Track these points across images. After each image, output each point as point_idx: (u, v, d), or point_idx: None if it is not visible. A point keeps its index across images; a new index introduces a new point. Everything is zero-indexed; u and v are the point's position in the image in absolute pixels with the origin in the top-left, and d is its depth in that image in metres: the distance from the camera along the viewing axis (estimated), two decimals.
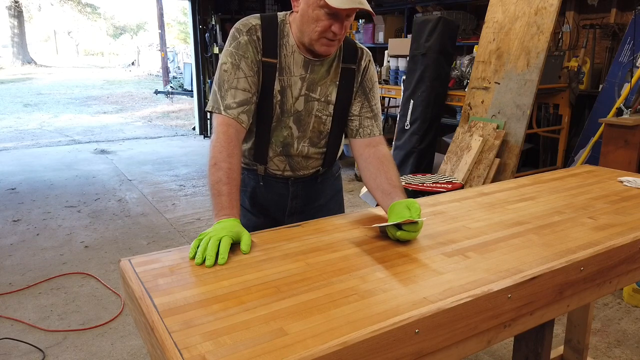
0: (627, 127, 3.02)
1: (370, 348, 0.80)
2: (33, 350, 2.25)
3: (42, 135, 7.80)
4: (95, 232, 3.71)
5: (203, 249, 1.06)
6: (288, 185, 1.51)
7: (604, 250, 1.14)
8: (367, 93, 1.45)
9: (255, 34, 1.33)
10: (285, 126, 1.41)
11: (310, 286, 0.96)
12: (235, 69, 1.31)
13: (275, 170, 1.48)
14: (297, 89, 1.37)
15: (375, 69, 1.58)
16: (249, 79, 1.32)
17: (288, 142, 1.43)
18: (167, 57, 15.27)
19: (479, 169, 3.73)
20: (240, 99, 1.31)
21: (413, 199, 1.26)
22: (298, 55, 1.35)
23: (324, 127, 1.44)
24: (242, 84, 1.31)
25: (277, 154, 1.45)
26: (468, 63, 4.36)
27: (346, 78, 1.42)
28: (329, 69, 1.40)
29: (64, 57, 29.87)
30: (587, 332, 1.90)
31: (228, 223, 1.13)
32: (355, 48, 1.44)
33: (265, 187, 1.52)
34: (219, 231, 1.09)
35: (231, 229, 1.11)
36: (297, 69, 1.36)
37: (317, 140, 1.46)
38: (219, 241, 1.07)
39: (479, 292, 0.93)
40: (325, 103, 1.41)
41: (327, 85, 1.40)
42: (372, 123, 1.45)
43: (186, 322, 0.84)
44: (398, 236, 1.15)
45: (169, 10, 24.00)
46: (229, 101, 1.30)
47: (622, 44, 3.86)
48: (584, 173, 1.85)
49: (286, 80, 1.36)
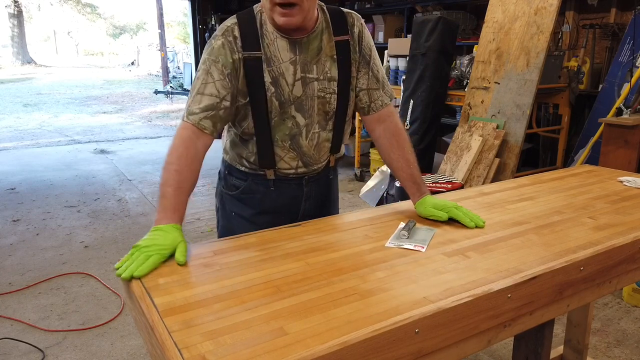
0: (627, 127, 3.01)
1: (370, 348, 0.80)
2: (33, 350, 2.25)
3: (42, 135, 7.80)
4: (95, 232, 3.70)
5: (129, 262, 1.04)
6: (302, 186, 1.43)
7: (604, 250, 1.14)
8: (368, 62, 1.39)
9: (232, 34, 1.26)
10: (288, 117, 1.33)
11: (310, 286, 0.96)
12: (205, 75, 1.25)
13: (287, 170, 1.39)
14: (290, 74, 1.29)
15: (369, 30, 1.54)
16: (217, 83, 1.25)
17: (295, 134, 1.35)
18: (167, 57, 15.25)
19: (479, 168, 3.73)
20: (205, 104, 1.24)
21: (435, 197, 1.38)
22: (281, 40, 1.28)
23: (329, 107, 1.36)
24: (209, 89, 1.25)
25: (287, 150, 1.36)
26: (468, 63, 4.36)
27: (343, 52, 1.34)
28: (320, 44, 1.31)
29: (63, 57, 29.87)
30: (587, 332, 1.90)
31: (164, 233, 1.09)
32: (342, 15, 1.35)
33: (276, 191, 1.42)
34: (151, 247, 1.05)
35: (164, 242, 1.07)
36: (284, 53, 1.28)
37: (325, 123, 1.38)
38: (147, 258, 1.04)
39: (479, 292, 0.93)
40: (326, 81, 1.33)
41: (324, 62, 1.32)
42: (380, 93, 1.41)
43: (186, 321, 0.84)
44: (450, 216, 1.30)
45: (169, 10, 24.00)
46: (192, 107, 1.24)
47: (621, 43, 3.86)
48: (584, 173, 1.85)
49: (276, 69, 1.28)
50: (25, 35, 23.29)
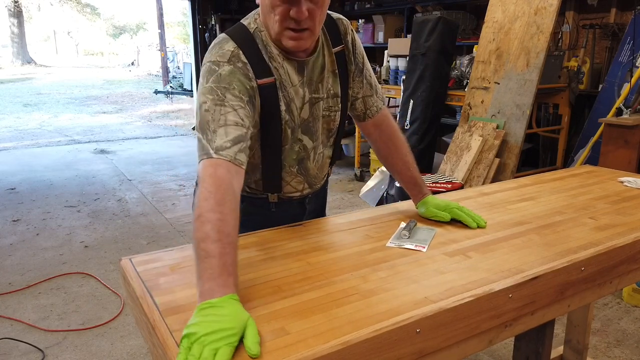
0: (627, 127, 3.01)
1: (371, 347, 0.80)
2: (33, 350, 2.24)
3: (42, 135, 7.80)
4: (95, 232, 3.70)
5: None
6: (304, 204, 1.39)
7: (605, 251, 1.14)
8: (362, 70, 1.35)
9: (239, 59, 1.11)
10: (295, 141, 1.25)
11: (311, 285, 0.96)
12: (219, 105, 1.05)
13: (292, 193, 1.34)
14: (299, 98, 1.22)
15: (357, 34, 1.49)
16: (239, 112, 1.06)
17: (302, 157, 1.28)
18: (166, 57, 15.25)
19: (479, 168, 3.73)
20: (235, 135, 1.03)
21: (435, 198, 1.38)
22: (288, 62, 1.18)
23: (333, 125, 1.32)
24: (232, 117, 1.05)
25: (294, 175, 1.30)
26: (468, 63, 4.36)
27: (342, 64, 1.29)
28: (323, 60, 1.25)
29: (63, 57, 29.87)
30: (587, 332, 1.90)
31: (222, 310, 0.80)
32: (334, 23, 1.28)
33: (278, 212, 1.35)
34: (212, 333, 0.75)
35: (229, 325, 0.77)
36: (293, 76, 1.19)
37: (327, 141, 1.34)
38: (214, 353, 0.74)
39: (481, 292, 0.93)
40: (330, 98, 1.28)
41: (327, 78, 1.26)
42: (375, 99, 1.39)
43: (188, 321, 0.83)
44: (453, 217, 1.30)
45: (169, 10, 23.98)
46: (219, 142, 1.01)
47: (621, 43, 3.86)
48: (585, 173, 1.85)
49: (287, 94, 1.19)
50: (25, 35, 23.29)
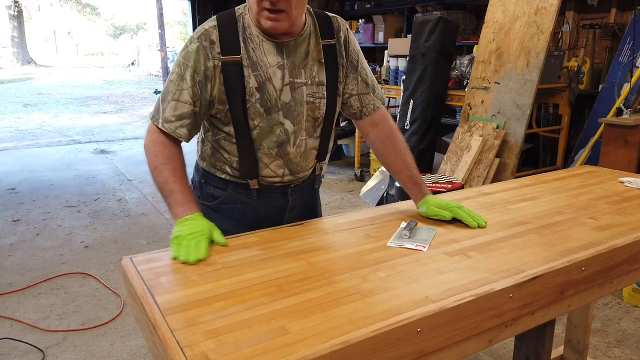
0: (627, 127, 3.02)
1: (371, 347, 0.80)
2: (33, 350, 2.24)
3: (42, 135, 7.80)
4: (95, 232, 3.70)
5: (185, 249, 1.07)
6: (287, 195, 1.40)
7: (605, 251, 1.14)
8: (357, 67, 1.38)
9: (208, 38, 1.22)
10: (276, 124, 1.28)
11: (311, 285, 0.96)
12: (179, 80, 1.23)
13: (272, 179, 1.35)
14: (278, 79, 1.25)
15: (355, 35, 1.53)
16: (190, 90, 1.22)
17: (282, 141, 1.30)
18: (166, 57, 15.20)
19: (479, 168, 3.73)
20: (181, 112, 1.23)
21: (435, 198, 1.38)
22: (267, 43, 1.24)
23: (318, 112, 1.33)
24: (184, 96, 1.23)
25: (273, 157, 1.32)
26: (468, 63, 4.36)
27: (330, 56, 1.32)
28: (308, 47, 1.29)
29: (63, 57, 29.85)
30: (587, 332, 1.90)
31: (194, 221, 1.14)
32: (328, 19, 1.34)
33: (259, 201, 1.38)
34: (192, 233, 1.10)
35: (201, 228, 1.12)
36: (271, 57, 1.25)
37: (313, 130, 1.35)
38: (197, 243, 1.09)
39: (481, 292, 0.93)
40: (314, 85, 1.30)
41: (311, 66, 1.29)
42: (371, 97, 1.41)
43: (188, 320, 0.84)
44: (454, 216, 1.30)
45: (169, 10, 23.98)
46: (168, 114, 1.24)
47: (622, 43, 3.86)
48: (585, 173, 1.85)
49: (263, 74, 1.24)
50: (25, 35, 23.27)
